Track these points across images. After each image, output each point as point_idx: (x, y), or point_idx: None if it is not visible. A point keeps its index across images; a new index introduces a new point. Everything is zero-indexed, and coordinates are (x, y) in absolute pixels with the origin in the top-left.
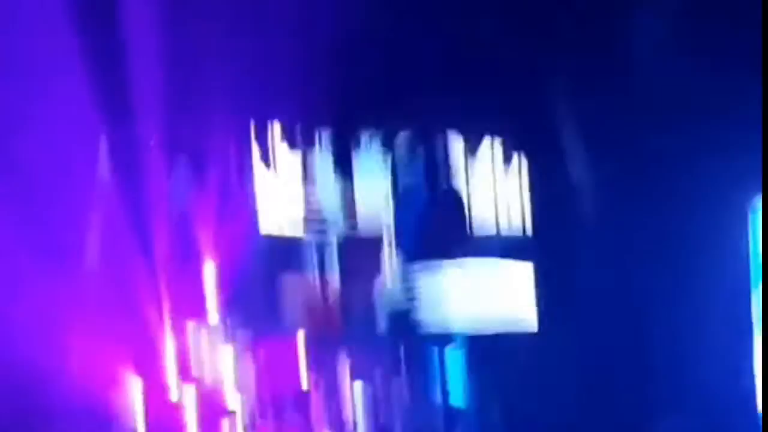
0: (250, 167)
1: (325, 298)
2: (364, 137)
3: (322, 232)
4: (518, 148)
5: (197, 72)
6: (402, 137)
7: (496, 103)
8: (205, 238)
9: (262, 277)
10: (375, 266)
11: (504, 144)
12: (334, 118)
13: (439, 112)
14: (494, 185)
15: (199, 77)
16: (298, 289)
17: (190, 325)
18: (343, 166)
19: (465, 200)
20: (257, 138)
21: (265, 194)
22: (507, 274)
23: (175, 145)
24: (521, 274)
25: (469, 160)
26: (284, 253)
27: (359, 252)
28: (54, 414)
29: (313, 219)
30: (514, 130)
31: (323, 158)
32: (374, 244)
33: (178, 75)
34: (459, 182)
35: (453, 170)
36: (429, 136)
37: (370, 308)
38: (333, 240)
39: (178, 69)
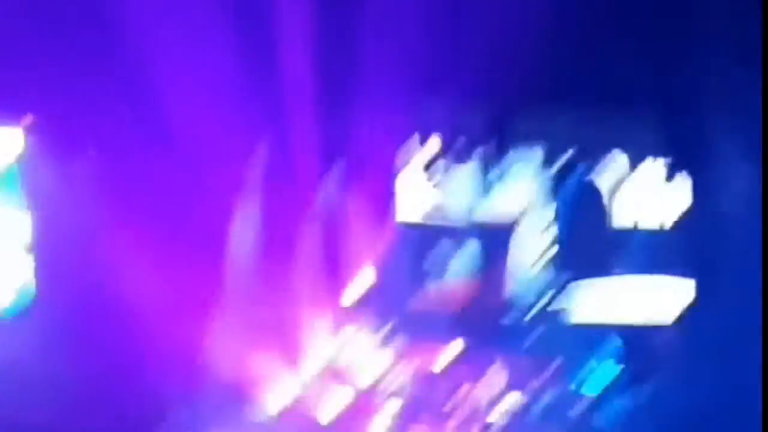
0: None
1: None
2: (521, 151)
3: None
4: (681, 167)
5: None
6: (557, 152)
7: (658, 119)
8: (354, 238)
9: (406, 271)
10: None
11: (666, 161)
12: (491, 131)
13: (600, 129)
14: (652, 203)
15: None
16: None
17: (341, 328)
18: (493, 174)
19: (621, 216)
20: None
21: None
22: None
23: (328, 147)
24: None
25: (629, 177)
26: (424, 244)
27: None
28: (198, 403)
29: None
30: (677, 147)
31: (474, 168)
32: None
33: (333, 78)
34: (617, 199)
35: (611, 187)
36: (588, 151)
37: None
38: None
39: (334, 74)
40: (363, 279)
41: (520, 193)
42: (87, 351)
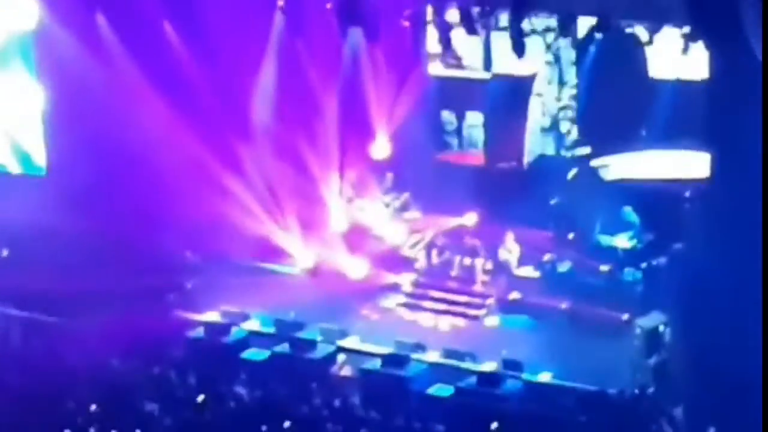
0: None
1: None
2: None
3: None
4: (698, 37)
5: None
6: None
7: None
8: (376, 105)
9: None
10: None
11: (684, 32)
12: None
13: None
14: (673, 74)
15: None
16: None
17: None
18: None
19: (641, 87)
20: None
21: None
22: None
23: (349, 10)
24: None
25: (649, 48)
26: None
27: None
28: (218, 267)
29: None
30: (695, 17)
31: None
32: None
33: None
34: (633, 68)
35: (630, 57)
36: (607, 21)
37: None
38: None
39: None
40: (387, 139)
41: (538, 56)
42: (104, 215)
